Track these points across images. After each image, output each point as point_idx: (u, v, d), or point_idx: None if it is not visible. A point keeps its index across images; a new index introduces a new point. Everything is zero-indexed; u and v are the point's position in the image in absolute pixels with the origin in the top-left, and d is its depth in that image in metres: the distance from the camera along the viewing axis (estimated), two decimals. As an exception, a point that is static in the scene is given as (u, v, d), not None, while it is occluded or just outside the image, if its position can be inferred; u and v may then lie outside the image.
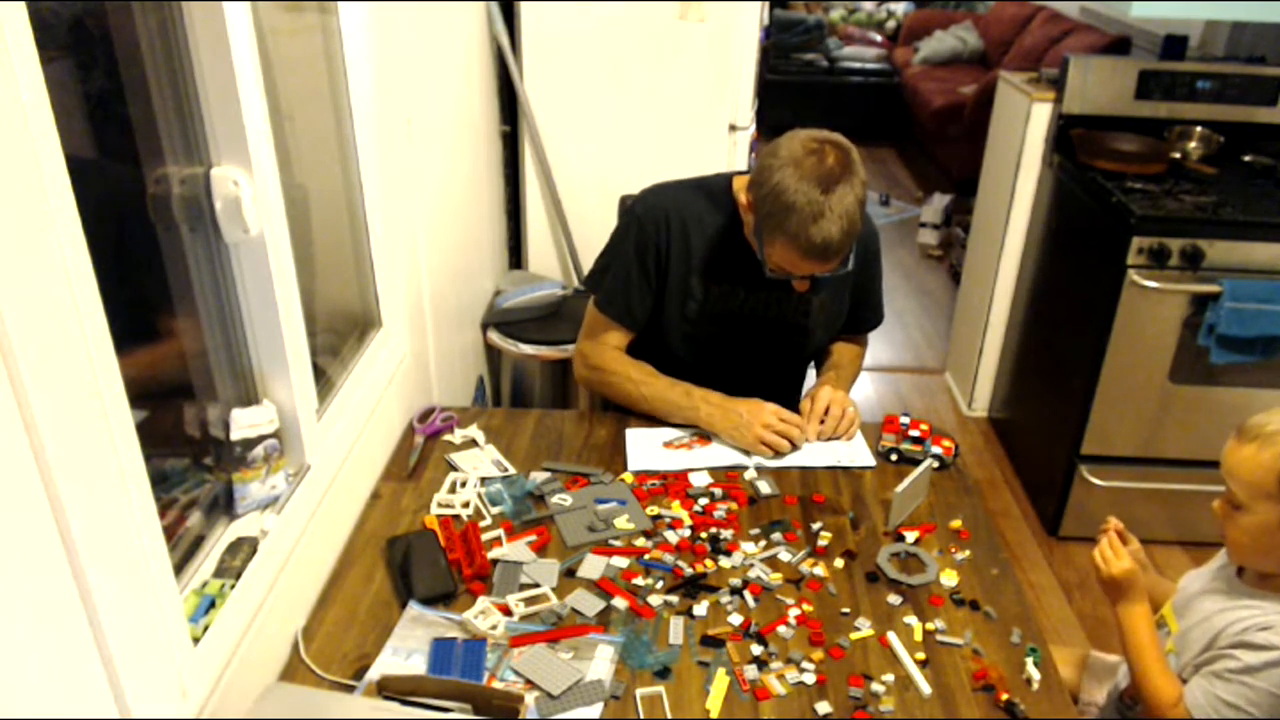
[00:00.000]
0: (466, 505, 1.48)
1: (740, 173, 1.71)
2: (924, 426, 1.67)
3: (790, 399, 1.76)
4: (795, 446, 1.64)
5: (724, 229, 1.66)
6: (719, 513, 1.49)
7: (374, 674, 1.16)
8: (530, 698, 1.12)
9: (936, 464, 1.61)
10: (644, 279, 1.70)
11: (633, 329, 1.75)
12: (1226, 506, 1.30)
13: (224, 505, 1.20)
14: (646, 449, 1.65)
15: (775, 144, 1.49)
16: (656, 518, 1.47)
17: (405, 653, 1.20)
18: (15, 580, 0.73)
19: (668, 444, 1.66)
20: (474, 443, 1.66)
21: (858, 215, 1.45)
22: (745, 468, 1.61)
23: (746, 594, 1.32)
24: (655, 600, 1.31)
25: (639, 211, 1.70)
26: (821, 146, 1.46)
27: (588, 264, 2.46)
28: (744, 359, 1.77)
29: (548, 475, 1.57)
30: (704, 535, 1.44)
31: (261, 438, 1.21)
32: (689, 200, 1.69)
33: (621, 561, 1.38)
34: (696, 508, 1.50)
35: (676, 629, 1.26)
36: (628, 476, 1.58)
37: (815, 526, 1.47)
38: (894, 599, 1.33)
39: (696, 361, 1.76)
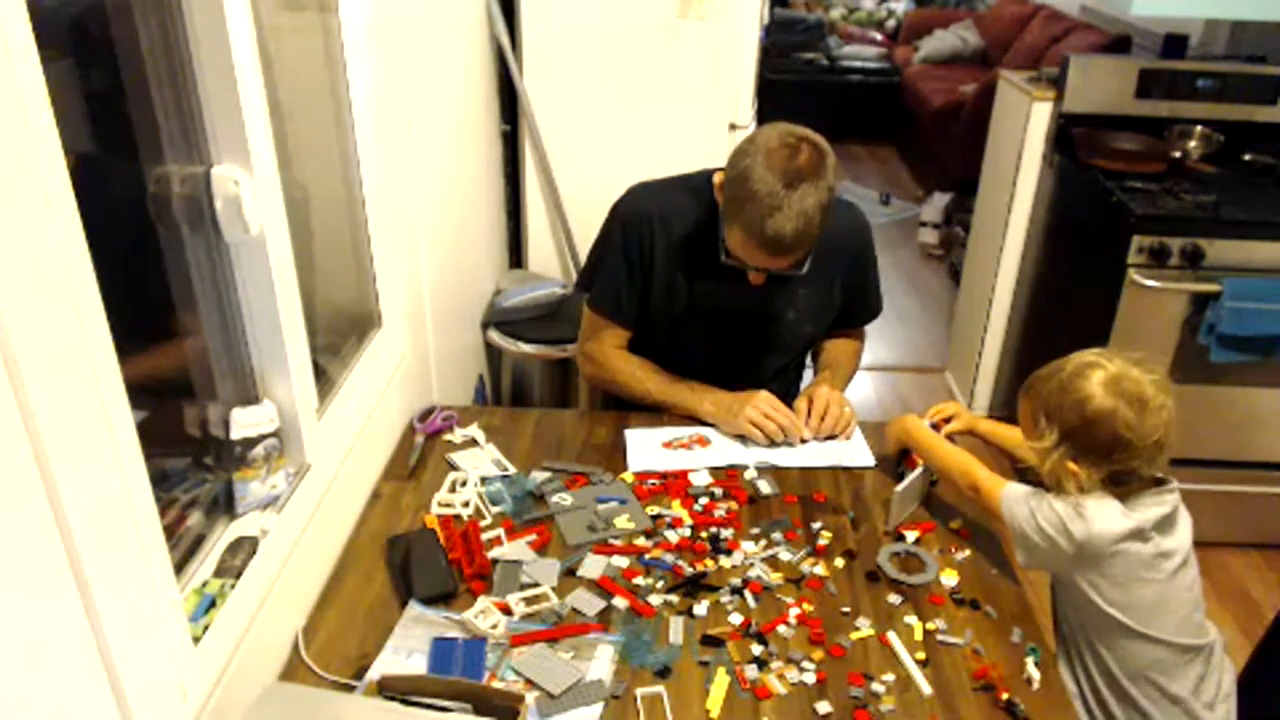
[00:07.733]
0: (467, 504, 1.48)
1: (723, 168, 1.71)
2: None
3: (788, 393, 1.76)
4: (786, 436, 1.64)
5: (706, 225, 1.66)
6: (719, 512, 1.49)
7: (374, 674, 1.16)
8: (530, 697, 1.12)
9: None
10: (630, 277, 1.70)
11: (627, 325, 1.75)
12: None
13: (224, 505, 1.20)
14: (646, 449, 1.65)
15: (755, 131, 1.50)
16: (656, 517, 1.47)
17: (405, 652, 1.20)
18: (15, 581, 0.73)
19: (667, 444, 1.66)
20: (474, 442, 1.66)
21: (817, 218, 1.44)
22: (745, 467, 1.61)
23: (746, 593, 1.32)
24: (655, 599, 1.31)
25: (621, 211, 1.71)
26: (798, 143, 1.45)
27: (588, 263, 2.46)
28: (735, 353, 1.77)
29: (548, 474, 1.57)
30: (704, 534, 1.44)
31: (261, 437, 1.21)
32: (671, 198, 1.69)
33: (622, 560, 1.38)
34: (696, 507, 1.50)
35: (676, 628, 1.26)
36: (628, 475, 1.58)
37: (815, 526, 1.47)
38: (894, 598, 1.33)
39: (689, 358, 1.76)
